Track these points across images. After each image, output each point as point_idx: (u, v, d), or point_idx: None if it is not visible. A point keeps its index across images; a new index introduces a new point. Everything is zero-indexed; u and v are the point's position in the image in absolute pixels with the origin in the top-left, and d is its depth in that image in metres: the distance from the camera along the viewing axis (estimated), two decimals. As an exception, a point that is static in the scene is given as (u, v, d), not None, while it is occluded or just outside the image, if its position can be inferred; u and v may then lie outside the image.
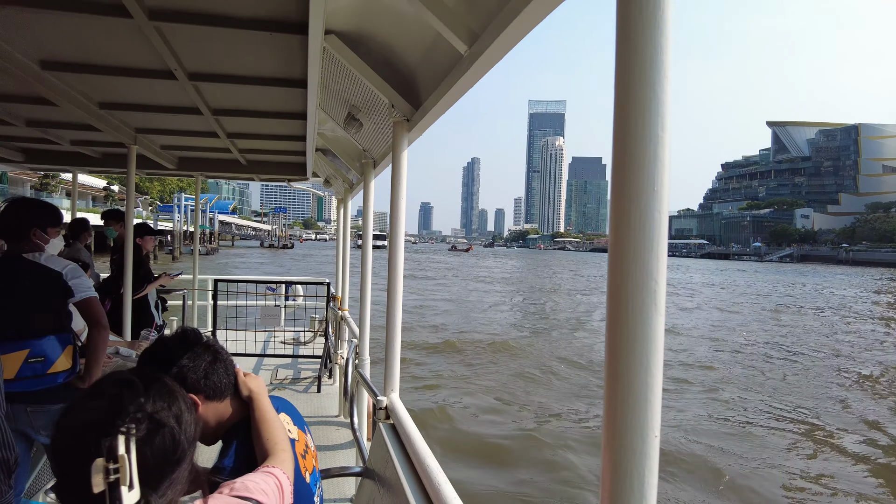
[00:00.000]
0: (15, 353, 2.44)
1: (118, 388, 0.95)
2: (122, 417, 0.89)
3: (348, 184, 6.15)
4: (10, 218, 2.57)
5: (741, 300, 32.04)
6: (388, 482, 2.03)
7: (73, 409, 0.93)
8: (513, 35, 1.38)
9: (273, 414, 1.49)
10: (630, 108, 0.70)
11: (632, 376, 0.70)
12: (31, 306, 2.51)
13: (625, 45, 0.71)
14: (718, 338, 17.92)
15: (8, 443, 1.55)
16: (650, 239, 0.70)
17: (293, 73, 2.97)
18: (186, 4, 2.19)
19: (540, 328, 18.61)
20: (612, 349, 0.72)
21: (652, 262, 0.70)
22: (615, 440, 0.71)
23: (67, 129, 4.83)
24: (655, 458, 0.71)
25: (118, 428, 0.87)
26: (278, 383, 6.10)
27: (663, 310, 0.71)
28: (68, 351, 2.60)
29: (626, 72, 0.70)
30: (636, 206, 0.70)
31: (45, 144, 5.56)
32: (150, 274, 5.27)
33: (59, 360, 2.54)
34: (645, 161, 0.69)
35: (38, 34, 2.58)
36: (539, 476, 7.02)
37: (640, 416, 0.70)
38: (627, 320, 0.70)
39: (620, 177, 0.71)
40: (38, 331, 2.50)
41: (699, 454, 7.92)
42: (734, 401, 10.70)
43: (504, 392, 10.34)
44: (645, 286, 0.70)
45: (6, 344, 2.42)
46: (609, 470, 0.72)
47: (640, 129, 0.69)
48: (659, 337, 0.71)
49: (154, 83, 3.22)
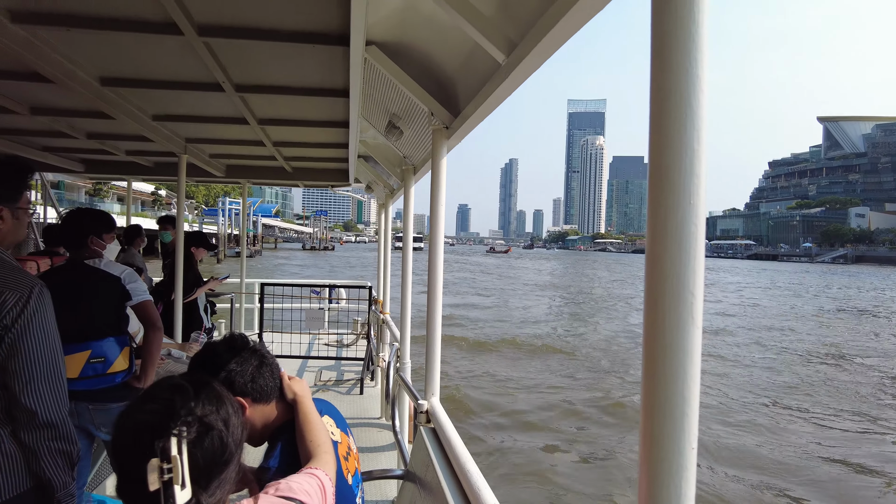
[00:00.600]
0: (78, 353, 2.58)
1: (171, 393, 1.01)
2: (175, 420, 0.95)
3: (389, 189, 6.23)
4: (69, 228, 2.72)
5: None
6: (429, 486, 2.06)
7: (130, 411, 1.00)
8: (550, 45, 1.39)
9: (316, 416, 1.53)
10: (665, 122, 0.70)
11: (668, 389, 0.70)
12: (92, 309, 2.65)
13: (659, 59, 0.71)
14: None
15: (71, 437, 1.65)
16: (687, 252, 0.70)
17: (335, 83, 3.05)
18: (233, 20, 2.28)
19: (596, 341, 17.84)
20: (648, 361, 0.72)
21: (688, 275, 0.70)
22: (652, 452, 0.71)
23: (123, 141, 5.09)
24: (692, 470, 0.71)
25: (171, 430, 0.92)
26: (322, 385, 6.21)
27: (700, 322, 0.70)
28: (125, 352, 2.73)
29: (661, 86, 0.70)
30: (672, 219, 0.70)
31: (103, 155, 5.86)
32: (200, 278, 5.46)
33: (117, 361, 2.68)
34: (681, 175, 0.69)
35: (99, 53, 2.74)
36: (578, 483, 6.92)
37: (677, 429, 0.70)
38: (664, 333, 0.70)
39: (657, 190, 0.71)
40: (99, 333, 2.64)
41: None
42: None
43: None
44: (682, 299, 0.69)
45: (70, 345, 2.56)
46: (646, 482, 0.72)
47: (676, 142, 0.69)
48: (696, 349, 0.70)
49: (203, 95, 3.37)
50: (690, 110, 0.69)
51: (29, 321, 1.53)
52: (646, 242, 0.74)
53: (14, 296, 1.52)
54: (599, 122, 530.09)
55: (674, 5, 0.70)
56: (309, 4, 2.13)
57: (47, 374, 1.57)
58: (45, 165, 6.10)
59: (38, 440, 1.56)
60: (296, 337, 6.98)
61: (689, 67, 0.68)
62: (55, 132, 4.53)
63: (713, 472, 7.34)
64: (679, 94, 0.69)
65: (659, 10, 0.71)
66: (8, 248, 1.71)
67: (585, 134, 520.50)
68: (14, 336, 1.51)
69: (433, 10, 1.90)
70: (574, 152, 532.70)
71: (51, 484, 1.59)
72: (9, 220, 1.67)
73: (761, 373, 13.27)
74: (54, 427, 1.58)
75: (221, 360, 1.48)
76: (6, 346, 1.51)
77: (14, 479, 1.55)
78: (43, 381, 1.56)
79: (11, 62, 2.85)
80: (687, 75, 0.69)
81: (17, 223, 1.72)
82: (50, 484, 1.59)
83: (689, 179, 0.69)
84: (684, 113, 0.69)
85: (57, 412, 1.59)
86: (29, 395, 1.53)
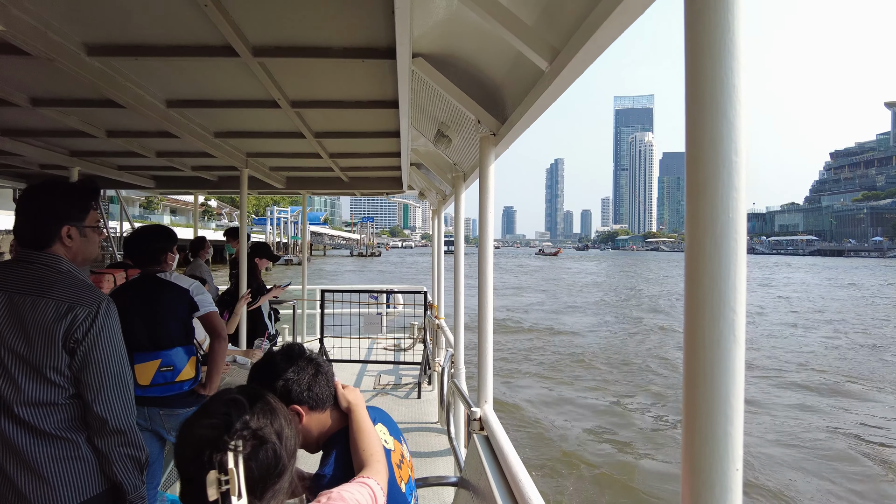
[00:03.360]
0: (149, 362, 2.75)
1: (227, 408, 1.07)
2: (231, 435, 1.01)
3: (441, 195, 6.28)
4: (145, 245, 2.89)
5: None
6: (482, 493, 2.06)
7: (189, 425, 1.06)
8: (592, 50, 1.37)
9: (369, 425, 1.57)
10: (702, 134, 0.68)
11: (711, 408, 0.68)
12: (163, 321, 2.80)
13: (694, 69, 0.69)
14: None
15: (139, 443, 1.76)
16: (726, 269, 0.67)
17: (386, 95, 3.11)
18: (285, 40, 2.38)
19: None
20: (689, 381, 0.70)
21: (729, 292, 0.67)
22: (695, 474, 0.69)
23: (188, 157, 5.38)
24: (738, 492, 0.68)
25: (227, 445, 0.98)
26: (381, 389, 6.30)
27: (742, 338, 0.68)
28: (192, 361, 2.88)
29: (696, 99, 0.68)
30: (711, 234, 0.68)
31: (171, 171, 6.21)
32: (263, 286, 5.67)
33: (184, 370, 2.82)
34: (718, 188, 0.67)
35: (164, 78, 2.92)
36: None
37: (720, 449, 0.68)
38: (705, 351, 0.68)
39: (694, 205, 0.69)
40: (169, 343, 2.80)
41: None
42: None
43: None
44: (722, 316, 0.67)
45: (142, 354, 2.73)
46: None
47: (713, 155, 0.67)
48: (739, 368, 0.68)
49: (261, 112, 3.51)
50: (727, 121, 0.67)
51: (98, 334, 1.64)
52: (685, 259, 0.72)
53: (84, 311, 1.63)
54: (648, 118, 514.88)
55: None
56: (356, 22, 2.19)
57: (116, 384, 1.68)
58: (121, 183, 6.53)
59: (109, 446, 1.67)
60: (355, 342, 7.13)
61: (724, 77, 0.66)
62: (128, 152, 4.85)
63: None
64: (714, 108, 0.67)
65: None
66: (81, 265, 1.82)
67: (633, 131, 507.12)
68: (85, 349, 1.62)
69: (476, 22, 1.91)
70: (622, 150, 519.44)
71: (122, 487, 1.70)
72: (77, 239, 1.77)
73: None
74: (123, 434, 1.69)
75: (279, 369, 1.54)
76: (79, 358, 1.62)
77: (90, 482, 1.67)
78: (112, 391, 1.67)
79: (89, 91, 3.08)
80: (723, 88, 0.66)
81: (86, 241, 1.81)
82: (122, 487, 1.70)
83: (728, 192, 0.67)
84: (720, 124, 0.67)
85: (126, 420, 1.70)
86: (100, 404, 1.64)
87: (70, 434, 1.64)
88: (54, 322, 1.59)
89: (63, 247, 1.75)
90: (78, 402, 1.66)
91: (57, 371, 1.60)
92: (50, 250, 1.72)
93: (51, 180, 1.79)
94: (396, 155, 4.80)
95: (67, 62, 2.31)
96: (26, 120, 3.89)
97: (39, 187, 1.75)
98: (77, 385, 1.64)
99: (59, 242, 1.74)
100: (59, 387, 1.62)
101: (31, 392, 1.59)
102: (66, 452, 1.63)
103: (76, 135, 4.14)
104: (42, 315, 1.59)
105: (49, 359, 1.59)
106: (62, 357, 1.60)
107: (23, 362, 1.58)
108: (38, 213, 1.72)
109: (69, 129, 4.01)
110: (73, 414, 1.65)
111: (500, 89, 2.39)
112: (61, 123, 3.78)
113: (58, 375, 1.61)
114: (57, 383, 1.61)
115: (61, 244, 1.74)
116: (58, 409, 1.63)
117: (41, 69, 2.70)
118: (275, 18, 2.17)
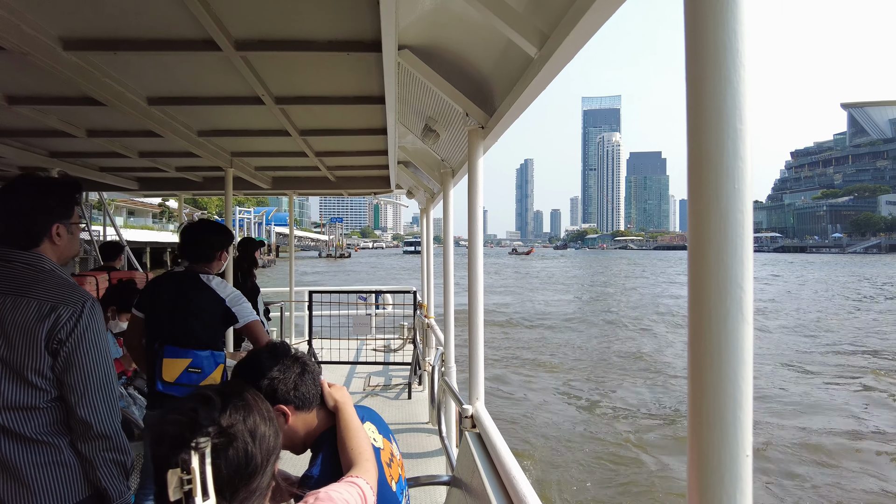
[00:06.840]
0: (179, 359, 2.68)
1: (195, 404, 1.01)
2: (194, 432, 0.95)
3: (430, 194, 6.25)
4: (205, 238, 2.81)
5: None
6: (475, 492, 2.02)
7: (156, 424, 1.01)
8: (582, 34, 1.35)
9: (357, 424, 1.52)
10: (704, 100, 0.65)
11: (718, 391, 0.64)
12: (197, 322, 2.72)
13: (694, 32, 0.66)
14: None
15: (124, 447, 1.70)
16: (733, 242, 0.64)
17: (372, 90, 3.07)
18: (268, 33, 2.32)
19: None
20: (695, 362, 0.67)
21: (736, 267, 0.64)
22: (702, 461, 0.65)
23: (172, 157, 5.28)
24: (748, 479, 0.64)
25: (189, 442, 0.92)
26: (371, 390, 6.25)
27: (751, 318, 0.64)
28: (219, 369, 2.81)
29: (698, 61, 0.65)
30: (716, 207, 0.64)
31: (155, 172, 6.10)
32: (257, 287, 5.56)
33: (211, 375, 2.75)
34: (723, 157, 0.63)
35: (144, 74, 2.85)
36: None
37: (728, 434, 0.64)
38: (711, 332, 0.65)
39: (697, 177, 0.66)
40: (201, 344, 2.73)
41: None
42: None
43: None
44: (730, 294, 0.64)
45: (174, 349, 2.67)
46: (696, 493, 0.66)
47: (716, 123, 0.64)
48: (747, 347, 0.64)
49: (244, 109, 3.45)
50: (730, 86, 0.63)
51: (82, 335, 1.58)
52: (688, 234, 0.68)
53: (68, 311, 1.57)
54: (615, 119, 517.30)
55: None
56: (340, 13, 2.15)
57: (100, 387, 1.62)
58: (104, 185, 6.40)
59: (93, 451, 1.61)
60: (344, 343, 7.06)
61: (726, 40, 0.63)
62: (110, 153, 4.75)
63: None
64: (717, 70, 0.64)
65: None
66: (64, 263, 1.76)
67: (601, 131, 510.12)
68: (69, 350, 1.56)
69: (464, 9, 1.88)
70: (590, 150, 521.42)
71: (107, 493, 1.64)
72: (65, 236, 1.73)
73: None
74: (108, 438, 1.62)
75: (264, 368, 1.49)
76: (62, 359, 1.55)
77: (73, 488, 1.60)
78: (97, 394, 1.60)
79: (66, 87, 3.00)
80: (726, 48, 0.63)
81: (72, 238, 1.77)
82: (106, 493, 1.64)
83: (733, 162, 0.63)
84: (723, 89, 0.63)
85: (111, 423, 1.63)
86: (84, 408, 1.58)
87: (52, 438, 1.58)
88: (36, 322, 1.53)
89: (51, 245, 1.69)
90: (60, 405, 1.59)
91: (39, 373, 1.53)
92: (37, 249, 1.66)
93: (32, 176, 1.72)
94: (384, 153, 4.75)
95: (43, 57, 2.24)
96: (3, 119, 3.78)
97: (22, 184, 1.68)
98: (60, 388, 1.58)
99: (48, 240, 1.68)
100: (41, 390, 1.55)
101: (11, 395, 1.52)
102: (48, 457, 1.57)
103: (56, 134, 4.04)
104: (23, 315, 1.53)
105: (30, 360, 1.52)
106: (44, 359, 1.54)
107: (2, 364, 1.51)
108: (29, 211, 1.65)
109: (48, 129, 3.92)
110: (56, 418, 1.59)
111: (489, 80, 2.36)
112: (40, 122, 3.68)
113: (39, 378, 1.54)
114: (39, 386, 1.54)
115: (50, 242, 1.68)
116: (39, 413, 1.56)
117: (16, 65, 2.61)
118: (257, 10, 2.12)
